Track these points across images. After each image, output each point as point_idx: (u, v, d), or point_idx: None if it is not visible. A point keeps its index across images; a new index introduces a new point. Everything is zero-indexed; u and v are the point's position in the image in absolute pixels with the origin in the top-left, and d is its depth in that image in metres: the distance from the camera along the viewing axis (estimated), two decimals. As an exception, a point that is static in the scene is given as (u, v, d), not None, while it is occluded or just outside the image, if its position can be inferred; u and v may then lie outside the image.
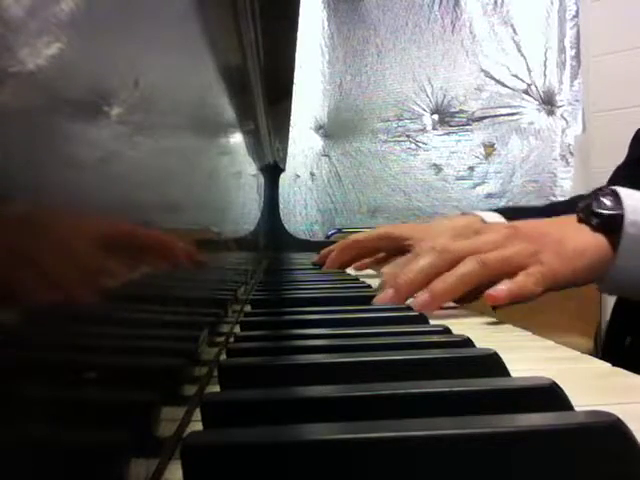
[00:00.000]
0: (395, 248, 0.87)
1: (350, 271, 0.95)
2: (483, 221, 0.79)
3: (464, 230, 0.77)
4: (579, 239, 0.53)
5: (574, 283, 0.53)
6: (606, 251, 0.52)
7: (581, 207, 0.55)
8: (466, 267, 0.51)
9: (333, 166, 2.01)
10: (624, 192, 0.54)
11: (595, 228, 0.53)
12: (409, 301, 0.53)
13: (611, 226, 0.52)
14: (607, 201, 0.54)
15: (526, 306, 0.58)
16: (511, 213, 0.81)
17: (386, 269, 0.64)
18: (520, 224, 0.56)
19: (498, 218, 0.79)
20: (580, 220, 0.54)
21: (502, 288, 0.50)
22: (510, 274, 0.51)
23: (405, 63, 1.98)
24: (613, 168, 0.92)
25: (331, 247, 0.97)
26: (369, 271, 0.98)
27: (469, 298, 0.57)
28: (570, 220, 0.55)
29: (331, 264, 0.94)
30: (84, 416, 0.15)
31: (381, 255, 0.94)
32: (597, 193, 0.55)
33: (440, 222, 0.86)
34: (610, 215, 0.53)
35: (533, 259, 0.51)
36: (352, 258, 0.95)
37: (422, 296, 0.51)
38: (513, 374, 0.29)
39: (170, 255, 0.28)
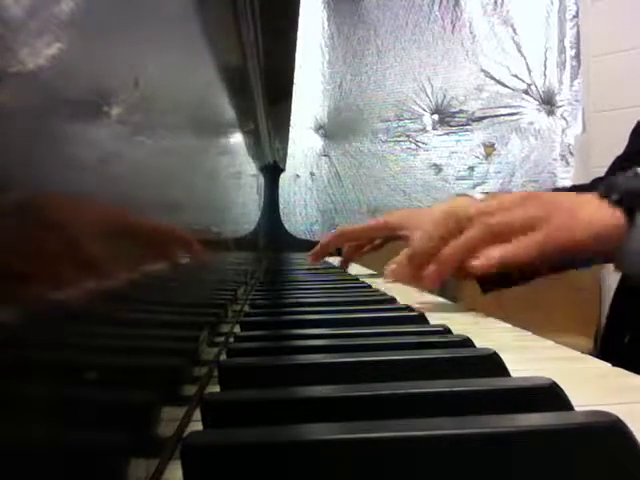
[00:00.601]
0: (391, 237, 0.88)
1: (351, 270, 0.96)
2: None
3: (457, 209, 0.77)
4: (593, 212, 0.52)
5: (576, 254, 0.52)
6: (619, 226, 0.50)
7: (604, 184, 0.54)
8: (470, 233, 0.52)
9: (333, 166, 2.01)
10: None
11: (615, 202, 0.51)
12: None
13: (630, 201, 0.51)
14: (627, 179, 0.53)
15: (526, 305, 0.58)
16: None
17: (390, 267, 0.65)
18: (537, 193, 0.56)
19: None
20: (601, 195, 0.53)
21: (481, 258, 0.50)
22: (515, 238, 0.51)
23: (405, 63, 1.98)
24: (613, 168, 0.92)
25: (328, 236, 0.97)
26: (369, 271, 0.98)
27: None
28: (590, 195, 0.54)
29: (320, 251, 0.95)
30: (84, 416, 0.15)
31: (377, 242, 0.94)
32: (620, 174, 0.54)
33: (434, 207, 0.86)
34: (629, 191, 0.51)
35: (538, 225, 0.50)
36: (354, 250, 0.95)
37: (430, 268, 0.54)
38: (513, 374, 0.29)
39: (171, 254, 0.28)
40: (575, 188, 0.96)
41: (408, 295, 0.64)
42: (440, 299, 0.65)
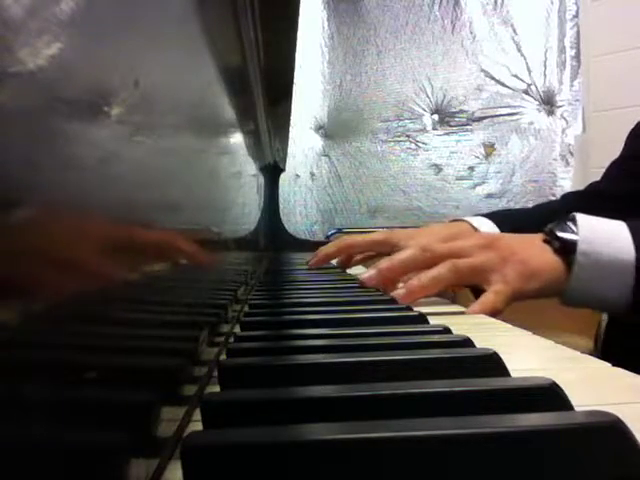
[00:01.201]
0: (389, 253, 0.88)
1: (350, 270, 0.95)
2: (473, 227, 0.81)
3: (454, 237, 0.80)
4: (540, 260, 0.61)
5: (530, 298, 0.62)
6: (561, 273, 0.61)
7: (547, 229, 0.63)
8: (439, 270, 0.59)
9: (333, 166, 2.00)
10: (585, 222, 0.61)
11: (555, 250, 0.61)
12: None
13: (567, 251, 0.60)
14: (568, 227, 0.62)
15: (526, 306, 0.61)
16: (501, 217, 0.83)
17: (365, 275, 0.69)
18: (496, 237, 0.66)
19: (489, 224, 0.81)
20: (545, 240, 0.63)
21: (474, 309, 0.58)
22: (476, 281, 0.61)
23: (405, 63, 1.98)
24: (612, 168, 0.92)
25: (328, 245, 0.97)
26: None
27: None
28: (538, 239, 0.63)
29: (322, 259, 0.95)
30: (84, 416, 0.15)
31: (371, 253, 0.94)
32: (564, 218, 0.63)
33: (432, 229, 0.87)
34: (566, 241, 0.61)
35: (498, 274, 0.60)
36: (346, 259, 0.96)
37: (399, 290, 0.60)
38: (513, 374, 0.29)
39: (170, 255, 0.28)
40: (572, 195, 0.98)
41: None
42: (439, 299, 0.65)
